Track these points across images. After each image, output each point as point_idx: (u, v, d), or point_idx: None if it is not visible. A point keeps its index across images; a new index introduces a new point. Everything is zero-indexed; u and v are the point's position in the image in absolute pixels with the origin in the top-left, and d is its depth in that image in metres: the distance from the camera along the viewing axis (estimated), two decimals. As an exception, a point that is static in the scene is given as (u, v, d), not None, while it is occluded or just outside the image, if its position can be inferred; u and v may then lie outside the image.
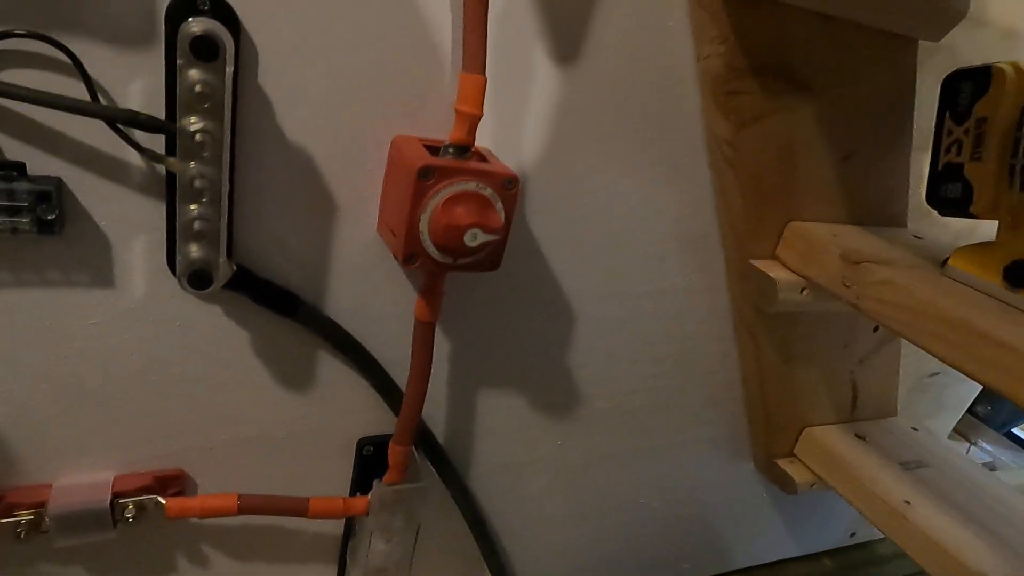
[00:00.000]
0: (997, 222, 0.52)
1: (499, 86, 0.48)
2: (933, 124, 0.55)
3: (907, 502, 0.65)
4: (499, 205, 0.45)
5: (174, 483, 0.52)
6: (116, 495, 0.49)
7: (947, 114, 0.53)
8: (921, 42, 0.59)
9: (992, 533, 0.63)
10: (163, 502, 0.50)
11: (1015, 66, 0.50)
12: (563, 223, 0.56)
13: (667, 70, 0.53)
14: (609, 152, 0.54)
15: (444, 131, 0.47)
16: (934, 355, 0.49)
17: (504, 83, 0.49)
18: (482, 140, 0.49)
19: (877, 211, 0.64)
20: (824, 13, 0.51)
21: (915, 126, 0.63)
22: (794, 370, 0.71)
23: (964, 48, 0.62)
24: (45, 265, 0.43)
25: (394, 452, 0.55)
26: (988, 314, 0.47)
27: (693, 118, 0.56)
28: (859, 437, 0.76)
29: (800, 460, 0.76)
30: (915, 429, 0.80)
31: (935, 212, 0.55)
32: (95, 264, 0.44)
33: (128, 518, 0.49)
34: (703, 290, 0.65)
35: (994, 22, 0.65)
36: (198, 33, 0.36)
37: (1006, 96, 0.50)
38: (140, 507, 0.50)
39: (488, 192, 0.44)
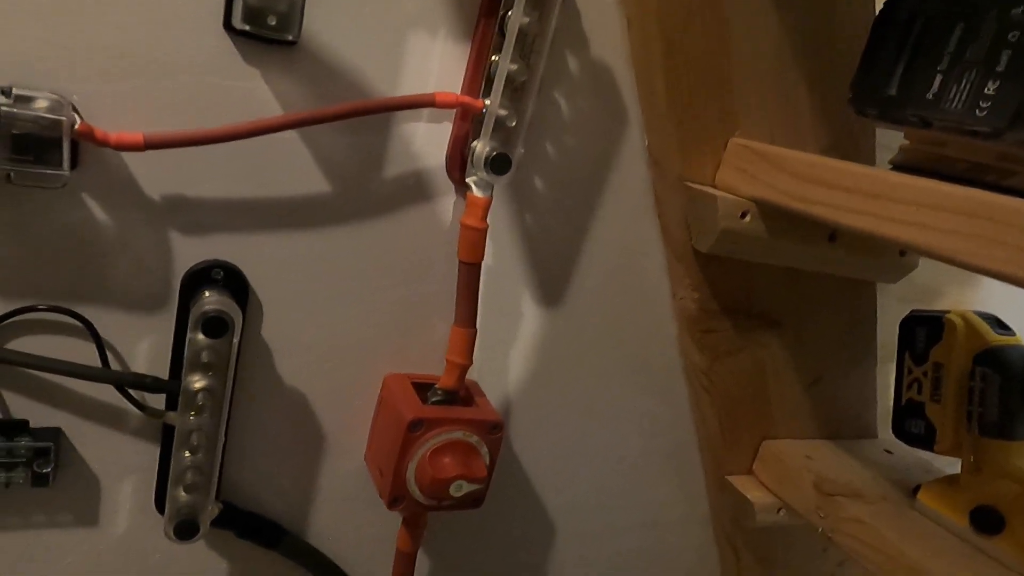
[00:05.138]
0: (960, 460, 0.54)
1: (487, 325, 0.51)
2: (896, 338, 0.58)
3: None
4: (484, 450, 0.47)
5: None
6: None
7: (907, 354, 0.57)
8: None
9: None
10: None
11: (964, 317, 0.54)
12: (545, 447, 0.57)
13: (646, 304, 0.57)
14: (590, 375, 0.57)
15: (432, 363, 0.50)
16: (905, 601, 0.49)
17: (492, 322, 0.52)
18: (470, 371, 0.52)
19: (848, 426, 0.66)
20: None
21: (879, 341, 0.67)
22: (775, 577, 0.71)
23: (921, 271, 0.67)
24: (31, 511, 0.43)
25: None
26: (954, 564, 0.48)
27: (670, 342, 0.59)
28: (842, 644, 0.75)
29: (785, 669, 0.74)
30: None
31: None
32: (81, 505, 0.44)
33: None
34: (681, 500, 0.66)
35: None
36: (211, 314, 0.38)
37: (957, 347, 0.53)
38: None
39: (474, 439, 0.46)
